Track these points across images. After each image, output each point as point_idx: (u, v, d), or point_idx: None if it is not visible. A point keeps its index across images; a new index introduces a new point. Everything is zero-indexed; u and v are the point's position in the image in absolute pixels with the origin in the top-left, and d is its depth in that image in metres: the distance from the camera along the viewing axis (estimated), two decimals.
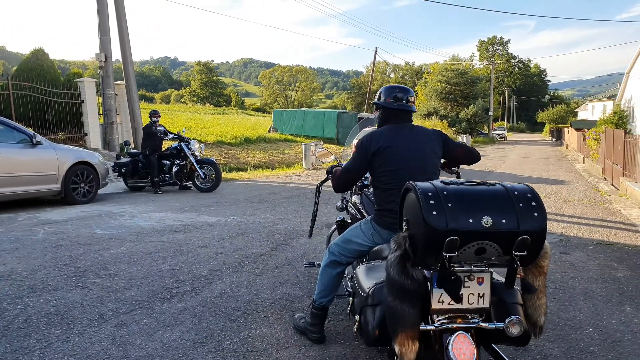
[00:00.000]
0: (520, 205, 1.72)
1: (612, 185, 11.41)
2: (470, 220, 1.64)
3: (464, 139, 33.56)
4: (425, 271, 1.85)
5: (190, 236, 5.65)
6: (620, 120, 20.09)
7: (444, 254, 1.65)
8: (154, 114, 10.00)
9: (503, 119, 74.16)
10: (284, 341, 2.91)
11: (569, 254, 5.10)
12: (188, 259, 4.67)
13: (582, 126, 27.02)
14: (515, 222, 1.68)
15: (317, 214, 3.63)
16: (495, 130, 51.46)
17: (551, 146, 35.68)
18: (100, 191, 8.79)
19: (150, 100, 75.15)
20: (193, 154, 9.78)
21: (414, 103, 2.72)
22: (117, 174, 10.05)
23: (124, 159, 10.14)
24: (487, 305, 1.84)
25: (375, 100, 2.75)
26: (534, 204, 1.75)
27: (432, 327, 1.81)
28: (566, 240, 5.76)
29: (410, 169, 2.47)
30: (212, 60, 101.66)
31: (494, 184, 1.84)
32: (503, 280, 1.84)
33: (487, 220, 1.64)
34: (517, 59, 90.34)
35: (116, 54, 13.88)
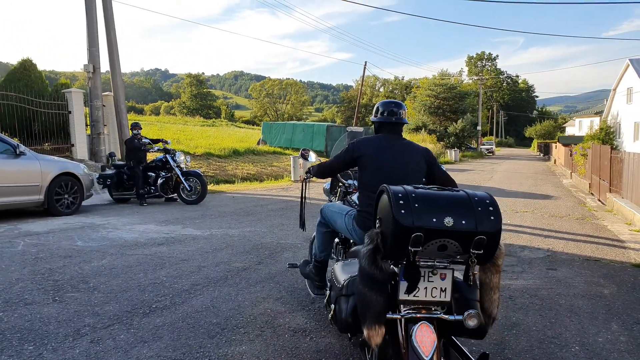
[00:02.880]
0: (479, 209, 1.92)
1: (599, 200, 11.51)
2: (434, 220, 1.85)
3: (452, 153, 33.81)
4: (394, 267, 2.05)
5: (173, 249, 5.55)
6: (606, 136, 20.43)
7: (410, 248, 1.84)
8: (135, 126, 9.92)
9: (491, 134, 74.92)
10: (264, 358, 2.84)
11: (556, 269, 5.09)
12: (170, 272, 4.58)
13: (570, 142, 27.42)
14: (474, 224, 1.87)
15: (304, 206, 4.06)
16: (483, 144, 51.94)
17: (539, 161, 36.06)
18: (84, 203, 8.66)
19: (140, 111, 74.87)
20: (178, 166, 9.69)
21: (404, 116, 3.03)
22: (102, 185, 9.92)
23: (109, 171, 10.02)
24: (448, 299, 2.03)
25: (373, 114, 3.12)
26: (491, 208, 1.94)
27: (398, 316, 2.01)
28: (553, 255, 5.75)
29: (392, 177, 2.64)
30: (203, 73, 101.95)
31: (458, 190, 2.05)
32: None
33: (448, 220, 1.85)
34: (506, 75, 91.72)
35: (105, 65, 13.83)
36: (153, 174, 9.77)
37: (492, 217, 1.91)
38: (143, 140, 9.81)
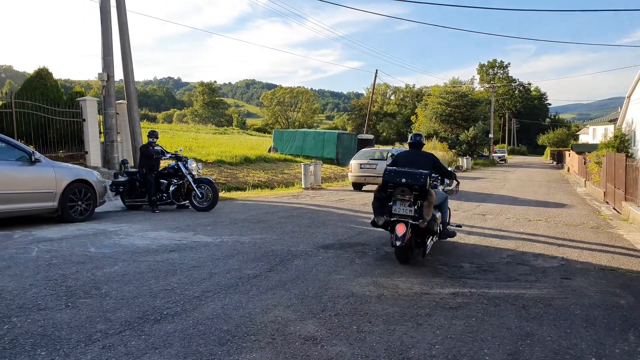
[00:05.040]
0: (417, 177, 5.25)
1: (614, 209, 11.33)
2: (397, 180, 5.28)
3: (464, 161, 33.60)
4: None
5: (184, 256, 5.57)
6: (621, 144, 20.12)
7: (389, 190, 5.33)
8: (151, 134, 10.03)
9: (503, 142, 74.39)
10: None
11: (570, 279, 5.00)
12: (181, 279, 4.59)
13: (583, 149, 27.07)
14: (415, 182, 5.22)
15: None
16: (495, 152, 51.57)
17: (552, 169, 35.67)
18: (97, 209, 8.74)
19: (153, 119, 75.76)
20: (190, 173, 9.76)
21: (421, 140, 6.37)
22: (114, 192, 10.01)
23: (122, 178, 10.12)
24: (412, 214, 5.27)
25: (408, 139, 6.43)
26: (422, 178, 5.22)
27: (391, 219, 5.29)
28: (567, 265, 5.66)
29: (409, 168, 5.64)
30: (215, 81, 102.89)
31: (418, 171, 5.39)
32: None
33: (404, 180, 5.25)
34: (518, 82, 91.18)
35: (119, 74, 14.03)
36: (165, 181, 9.84)
37: (422, 179, 5.20)
38: (157, 148, 9.91)
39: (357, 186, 15.89)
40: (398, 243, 5.12)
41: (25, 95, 12.87)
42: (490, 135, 45.11)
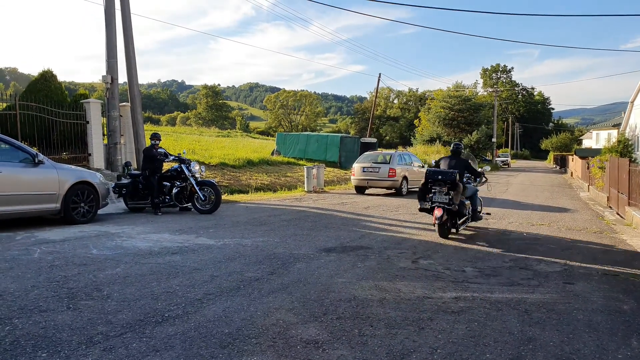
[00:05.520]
0: (449, 175, 7.24)
1: (618, 214, 11.28)
2: (435, 177, 7.29)
3: None
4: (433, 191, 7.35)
5: (186, 258, 5.57)
6: (624, 148, 20.05)
7: (429, 185, 7.36)
8: (154, 136, 10.05)
9: (507, 146, 74.24)
10: None
11: (573, 284, 4.98)
12: (183, 281, 4.59)
13: (587, 154, 27.00)
14: (447, 178, 7.21)
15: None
16: (498, 157, 51.46)
17: (555, 174, 35.56)
18: (100, 211, 8.76)
19: (157, 122, 75.92)
20: (193, 176, 9.77)
21: (459, 149, 8.15)
22: (117, 194, 10.03)
23: (125, 180, 10.14)
24: (447, 201, 7.14)
25: (451, 147, 8.41)
26: (453, 176, 7.19)
27: (432, 205, 7.28)
28: (570, 269, 5.64)
29: (446, 170, 7.50)
30: (219, 84, 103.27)
31: (452, 171, 7.30)
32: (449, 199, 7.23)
33: (440, 177, 7.25)
34: (521, 87, 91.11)
35: (123, 77, 14.07)
36: (168, 184, 9.85)
37: (452, 177, 7.19)
38: (160, 150, 9.93)
39: (360, 189, 15.87)
40: (437, 222, 7.19)
41: (29, 97, 12.92)
42: (494, 140, 45.07)
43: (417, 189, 8.34)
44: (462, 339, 3.37)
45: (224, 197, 12.14)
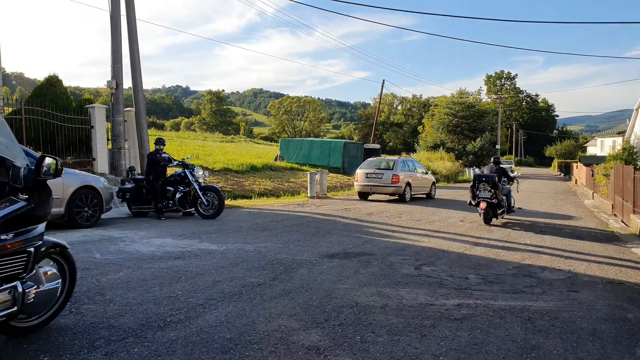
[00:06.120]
0: (492, 175, 10.10)
1: (623, 222, 11.21)
2: (481, 179, 10.13)
3: (470, 172, 33.51)
4: (480, 188, 10.12)
5: (189, 263, 5.57)
6: (629, 156, 19.99)
7: (475, 182, 10.20)
8: (159, 141, 10.09)
9: (511, 153, 74.11)
10: None
11: (577, 292, 4.95)
12: (185, 286, 4.59)
13: (591, 161, 26.89)
14: (489, 179, 9.97)
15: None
16: (503, 164, 51.33)
17: (559, 181, 35.44)
18: (103, 216, 8.79)
19: (161, 127, 76.22)
20: (197, 181, 9.79)
21: (499, 160, 11.21)
22: (121, 199, 10.06)
23: (129, 185, 10.17)
24: (489, 197, 9.87)
25: (492, 159, 11.44)
26: (494, 178, 9.95)
27: (478, 200, 10.08)
28: (574, 277, 5.60)
29: (486, 175, 10.27)
30: (223, 90, 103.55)
31: (494, 175, 10.18)
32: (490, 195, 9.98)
33: (484, 179, 10.06)
34: (525, 94, 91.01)
35: (128, 82, 14.16)
36: (172, 189, 9.88)
37: (493, 179, 9.92)
38: (164, 155, 9.97)
39: (363, 195, 15.86)
40: (483, 212, 9.95)
41: (35, 102, 13.01)
42: (497, 146, 44.97)
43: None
44: (464, 346, 3.35)
45: (227, 202, 12.15)
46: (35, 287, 3.10)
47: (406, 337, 3.47)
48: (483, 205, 9.83)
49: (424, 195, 16.98)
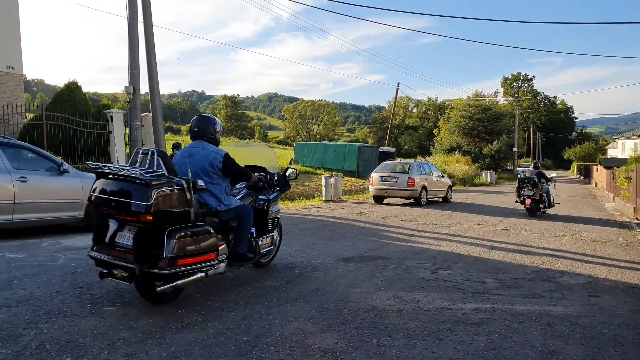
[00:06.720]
0: (534, 179, 12.35)
1: None
2: (525, 180, 12.44)
3: (487, 175, 33.16)
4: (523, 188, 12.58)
5: None
6: None
7: (520, 184, 12.60)
8: (176, 146, 10.22)
9: (528, 156, 73.10)
10: None
11: (598, 297, 4.86)
12: (203, 289, 4.63)
13: (612, 164, 26.37)
14: (531, 181, 12.30)
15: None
16: (520, 167, 50.68)
17: (579, 184, 34.85)
18: None
19: (177, 132, 76.87)
20: None
21: (538, 165, 13.59)
22: None
23: None
24: (532, 194, 12.25)
25: (532, 165, 14.26)
26: (535, 179, 12.34)
27: (523, 197, 12.50)
28: (595, 282, 5.51)
29: (529, 177, 12.60)
30: (238, 95, 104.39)
31: (533, 176, 12.57)
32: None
33: (527, 180, 12.37)
34: (543, 96, 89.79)
35: (145, 87, 14.35)
36: None
37: (535, 180, 12.22)
38: None
39: (378, 199, 15.81)
40: (528, 207, 12.23)
41: (55, 108, 13.30)
42: (515, 149, 44.44)
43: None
44: (482, 350, 3.32)
45: None
46: (277, 238, 5.74)
47: (423, 341, 3.46)
48: (528, 201, 12.16)
49: (440, 199, 16.86)
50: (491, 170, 35.48)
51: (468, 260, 6.55)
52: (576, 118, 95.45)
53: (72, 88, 14.51)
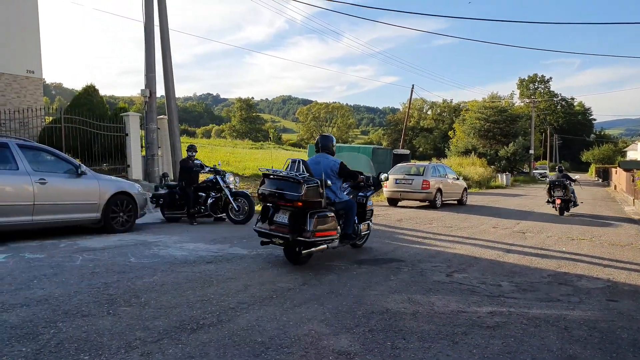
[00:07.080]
0: (563, 181, 13.75)
1: None
2: (554, 182, 13.87)
3: (503, 177, 32.83)
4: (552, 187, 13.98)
5: (221, 267, 5.66)
6: None
7: (550, 186, 13.99)
8: (191, 148, 10.32)
9: (545, 158, 72.14)
10: None
11: (617, 301, 4.77)
12: (217, 290, 4.67)
13: (632, 166, 25.89)
14: (560, 183, 13.70)
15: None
16: (536, 169, 50.09)
17: (597, 187, 34.27)
18: (138, 221, 9.02)
19: (192, 134, 77.81)
20: (228, 187, 9.95)
21: (562, 168, 15.16)
22: (154, 204, 10.32)
23: (162, 191, 10.41)
24: (563, 195, 13.56)
25: (557, 169, 15.24)
26: (564, 181, 13.80)
27: (554, 198, 13.85)
28: (614, 286, 5.41)
29: (557, 179, 13.95)
30: (252, 97, 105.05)
31: (560, 178, 14.07)
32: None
33: (556, 182, 13.82)
34: (560, 97, 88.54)
35: (161, 90, 14.55)
36: (204, 194, 10.07)
37: (564, 182, 13.67)
38: (196, 162, 10.19)
39: (393, 202, 15.75)
40: (558, 206, 13.36)
41: (73, 111, 13.53)
42: (531, 152, 43.93)
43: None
44: (497, 354, 3.29)
45: (257, 207, 12.27)
46: (372, 225, 7.29)
47: (437, 344, 3.43)
48: (558, 201, 13.47)
49: (455, 202, 16.73)
50: (507, 173, 35.12)
51: (483, 263, 6.49)
52: (594, 120, 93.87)
53: (90, 91, 14.74)
